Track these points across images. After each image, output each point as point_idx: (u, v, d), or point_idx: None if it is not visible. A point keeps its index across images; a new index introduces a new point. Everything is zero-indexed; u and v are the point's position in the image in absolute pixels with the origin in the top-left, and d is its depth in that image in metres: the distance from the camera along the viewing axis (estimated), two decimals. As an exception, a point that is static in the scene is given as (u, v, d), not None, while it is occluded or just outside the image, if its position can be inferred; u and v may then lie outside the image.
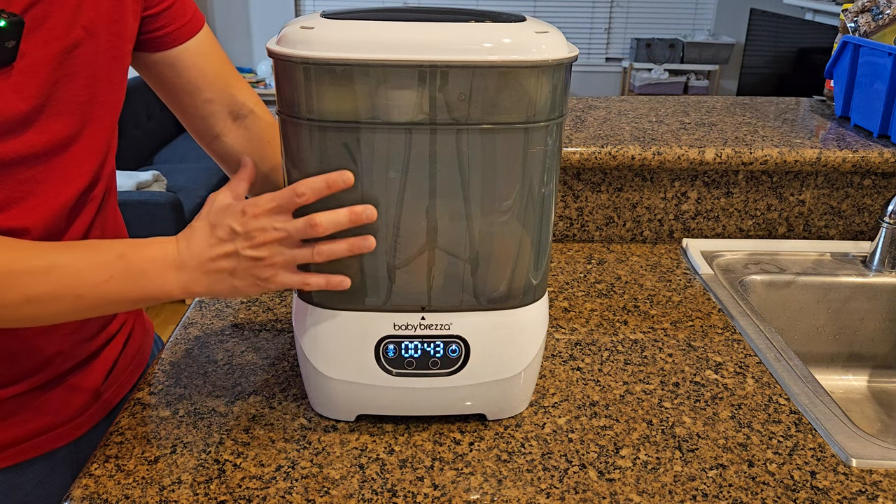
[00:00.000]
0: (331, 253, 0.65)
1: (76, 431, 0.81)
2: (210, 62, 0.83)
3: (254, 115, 0.86)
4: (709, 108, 1.47)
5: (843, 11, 1.42)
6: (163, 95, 0.84)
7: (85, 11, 0.68)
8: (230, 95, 0.85)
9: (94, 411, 0.83)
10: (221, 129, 0.86)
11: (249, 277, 0.65)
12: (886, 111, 1.25)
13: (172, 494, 0.67)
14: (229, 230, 0.64)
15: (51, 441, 0.79)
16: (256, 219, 0.63)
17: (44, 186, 0.69)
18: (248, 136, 0.86)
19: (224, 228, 0.64)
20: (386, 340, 0.72)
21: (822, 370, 1.17)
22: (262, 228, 0.63)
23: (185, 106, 0.84)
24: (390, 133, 0.64)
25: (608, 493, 0.69)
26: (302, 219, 0.63)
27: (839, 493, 0.69)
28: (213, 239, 0.64)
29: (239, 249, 0.64)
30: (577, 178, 1.24)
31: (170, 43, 0.80)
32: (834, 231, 1.28)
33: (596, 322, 1.00)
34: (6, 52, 0.62)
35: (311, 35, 0.61)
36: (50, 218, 0.70)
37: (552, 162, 0.68)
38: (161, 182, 3.17)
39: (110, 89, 0.74)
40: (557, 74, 0.64)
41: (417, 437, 0.76)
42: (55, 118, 0.68)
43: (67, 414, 0.80)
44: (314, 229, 0.63)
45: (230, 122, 0.86)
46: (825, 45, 3.39)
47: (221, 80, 0.84)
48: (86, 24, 0.68)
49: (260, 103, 0.88)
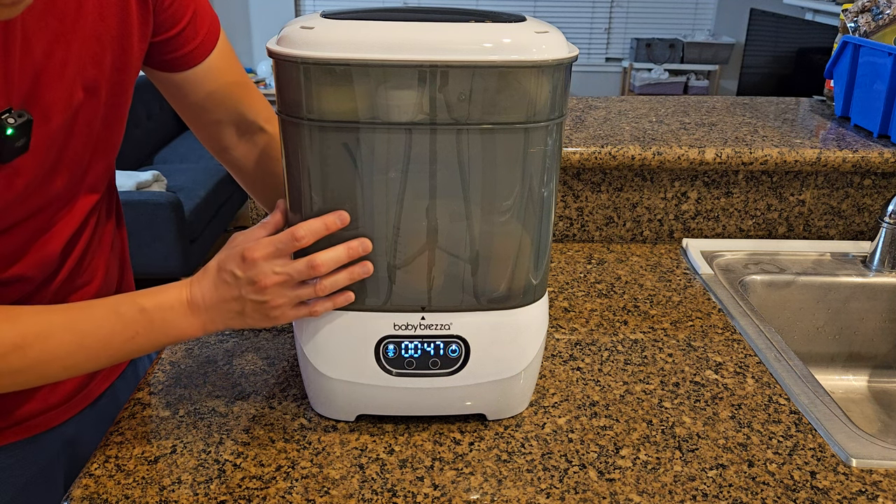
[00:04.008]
0: (333, 286, 0.67)
1: (60, 417, 0.82)
2: (220, 84, 0.80)
3: (263, 132, 0.85)
4: (709, 108, 1.47)
5: (843, 11, 1.42)
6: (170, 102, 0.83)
7: (85, 70, 0.65)
8: (239, 114, 0.83)
9: (78, 400, 0.84)
10: (229, 143, 0.85)
11: (259, 315, 0.68)
12: (886, 111, 1.25)
13: (172, 494, 0.67)
14: (232, 275, 0.66)
15: (35, 426, 0.79)
16: (256, 264, 0.65)
17: (44, 237, 0.70)
18: (256, 151, 0.86)
19: (227, 273, 0.66)
20: (386, 340, 0.72)
21: (822, 370, 1.17)
22: (263, 273, 0.65)
23: (191, 119, 0.83)
24: (390, 133, 0.64)
25: (608, 493, 0.69)
26: (302, 261, 0.65)
27: (839, 493, 0.69)
28: (219, 282, 0.67)
29: (243, 294, 0.66)
30: (577, 178, 1.24)
31: (178, 67, 0.77)
32: (834, 231, 1.28)
33: (596, 322, 1.00)
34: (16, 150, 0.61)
35: (311, 35, 0.61)
36: (48, 261, 0.71)
37: (552, 162, 0.68)
38: (161, 182, 3.17)
39: (111, 136, 0.73)
40: (557, 74, 0.64)
41: (417, 437, 0.76)
42: (56, 179, 0.68)
43: (53, 401, 0.80)
44: (315, 270, 0.65)
45: (238, 137, 0.85)
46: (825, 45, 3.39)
47: (231, 101, 0.82)
48: (86, 83, 0.66)
49: (271, 119, 0.85)
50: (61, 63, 0.63)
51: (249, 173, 0.87)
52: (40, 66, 0.61)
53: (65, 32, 0.62)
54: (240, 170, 0.87)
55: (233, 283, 0.66)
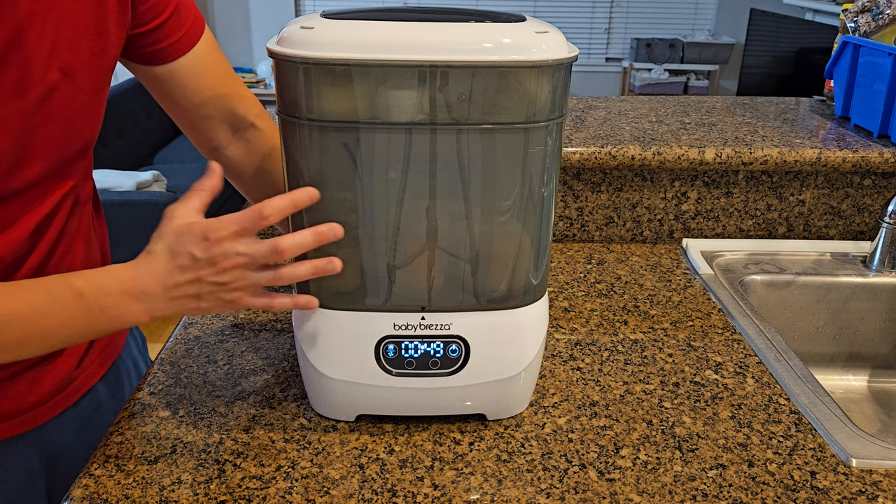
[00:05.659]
0: (293, 276, 0.65)
1: (40, 419, 0.79)
2: (208, 78, 0.79)
3: (254, 129, 0.84)
4: (709, 108, 1.47)
5: (843, 11, 1.42)
6: (160, 102, 0.82)
7: (61, 52, 0.63)
8: (229, 111, 0.82)
9: (59, 400, 0.81)
10: (220, 142, 0.84)
11: (214, 300, 0.65)
12: (886, 111, 1.25)
13: (172, 494, 0.67)
14: (190, 256, 0.62)
15: (12, 427, 0.77)
16: (219, 244, 0.62)
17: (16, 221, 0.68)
18: (248, 149, 0.85)
19: (185, 255, 0.62)
20: (386, 340, 0.72)
21: (822, 370, 1.17)
22: (225, 254, 0.62)
23: (181, 118, 0.82)
24: (390, 133, 0.64)
25: (608, 493, 0.69)
26: (266, 243, 0.63)
27: (839, 493, 0.69)
28: (173, 266, 0.63)
29: (202, 276, 0.63)
30: (577, 178, 1.24)
31: (162, 59, 0.76)
32: (834, 231, 1.28)
33: (596, 322, 1.00)
34: None
35: (311, 35, 0.61)
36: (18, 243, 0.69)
37: (552, 162, 0.68)
38: (161, 182, 3.17)
39: (89, 123, 0.71)
40: (557, 74, 0.64)
41: (417, 437, 0.76)
42: (29, 163, 0.65)
43: (31, 401, 0.78)
44: (279, 255, 0.63)
45: (230, 135, 0.84)
46: (825, 45, 3.39)
47: (220, 97, 0.81)
48: (62, 65, 0.64)
49: (262, 115, 0.85)
50: (36, 40, 0.61)
51: (243, 172, 0.86)
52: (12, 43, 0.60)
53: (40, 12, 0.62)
54: (233, 170, 0.86)
55: (190, 265, 0.62)
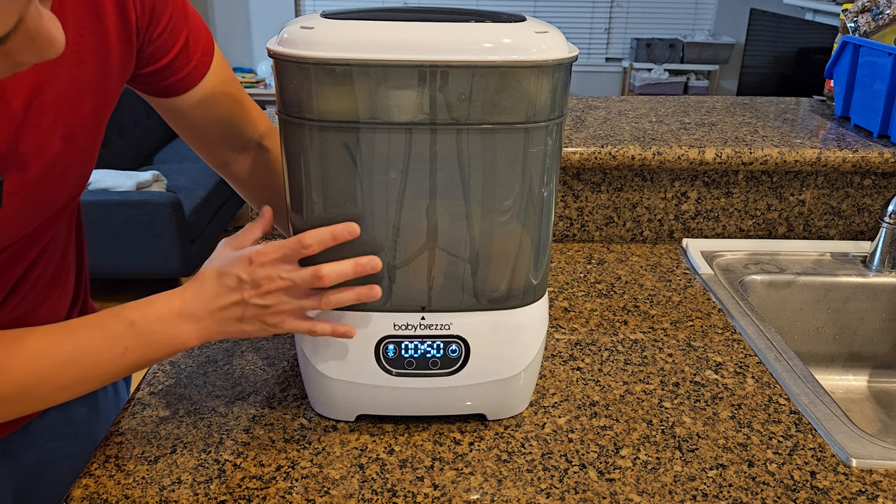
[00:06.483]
0: (339, 302, 0.67)
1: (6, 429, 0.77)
2: (216, 107, 0.78)
3: (261, 148, 0.84)
4: (709, 108, 1.47)
5: (843, 11, 1.42)
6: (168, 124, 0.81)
7: (63, 119, 0.62)
8: (237, 133, 0.82)
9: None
10: (227, 159, 0.84)
11: (258, 323, 0.67)
12: (886, 111, 1.25)
13: (172, 494, 0.67)
14: (236, 279, 0.65)
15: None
16: (263, 267, 0.65)
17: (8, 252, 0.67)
18: (254, 166, 0.85)
19: (231, 277, 0.66)
20: (386, 340, 0.72)
21: (822, 370, 1.17)
22: (268, 277, 0.65)
23: (188, 139, 0.82)
24: (390, 133, 0.64)
25: (608, 493, 0.69)
26: (308, 269, 0.65)
27: (839, 493, 0.69)
28: (221, 287, 0.66)
29: (246, 298, 0.65)
30: (577, 178, 1.24)
31: (169, 94, 0.75)
32: (834, 231, 1.28)
33: (596, 322, 1.00)
34: None
35: (311, 35, 0.61)
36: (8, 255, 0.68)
37: (552, 162, 0.68)
38: (161, 182, 3.17)
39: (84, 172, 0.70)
40: (557, 74, 0.64)
41: (417, 437, 0.76)
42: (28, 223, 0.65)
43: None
44: (320, 281, 0.65)
45: (235, 153, 0.84)
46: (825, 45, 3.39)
47: (227, 123, 0.80)
48: (64, 132, 0.63)
49: (268, 134, 0.85)
50: (38, 112, 0.60)
51: (249, 186, 0.87)
52: (19, 120, 0.59)
53: (41, 83, 0.60)
54: (239, 183, 0.87)
55: (236, 287, 0.65)
